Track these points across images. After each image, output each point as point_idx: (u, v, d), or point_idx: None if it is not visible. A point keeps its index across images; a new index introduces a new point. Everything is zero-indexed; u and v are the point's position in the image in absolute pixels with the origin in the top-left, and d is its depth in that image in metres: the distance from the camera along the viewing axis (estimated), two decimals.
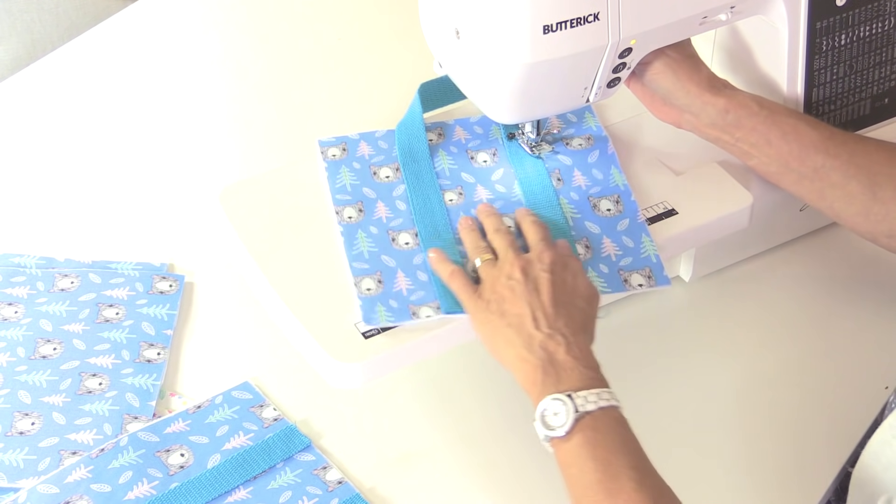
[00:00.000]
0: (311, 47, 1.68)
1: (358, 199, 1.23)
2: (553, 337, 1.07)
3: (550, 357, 1.06)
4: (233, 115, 1.59)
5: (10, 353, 1.26)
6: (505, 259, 1.14)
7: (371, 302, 1.15)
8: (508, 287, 1.11)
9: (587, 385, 1.04)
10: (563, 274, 1.12)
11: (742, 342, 1.29)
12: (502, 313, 1.10)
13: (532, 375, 1.05)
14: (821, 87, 1.30)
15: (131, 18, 1.72)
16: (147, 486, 1.14)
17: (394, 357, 1.14)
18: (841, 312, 1.31)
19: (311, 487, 1.15)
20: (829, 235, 1.37)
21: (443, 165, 1.27)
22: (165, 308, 1.31)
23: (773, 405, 1.23)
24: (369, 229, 1.21)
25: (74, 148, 1.54)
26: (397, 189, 1.25)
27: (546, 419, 1.03)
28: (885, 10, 1.29)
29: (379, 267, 1.18)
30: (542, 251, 1.14)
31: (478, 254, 1.16)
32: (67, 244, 1.40)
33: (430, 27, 1.25)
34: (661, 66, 1.22)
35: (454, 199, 1.24)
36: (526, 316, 1.08)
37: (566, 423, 1.01)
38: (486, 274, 1.14)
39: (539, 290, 1.10)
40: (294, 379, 1.25)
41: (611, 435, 1.01)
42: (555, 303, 1.09)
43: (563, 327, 1.08)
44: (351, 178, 1.25)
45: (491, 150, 1.29)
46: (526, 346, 1.07)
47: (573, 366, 1.05)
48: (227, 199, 1.26)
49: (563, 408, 1.02)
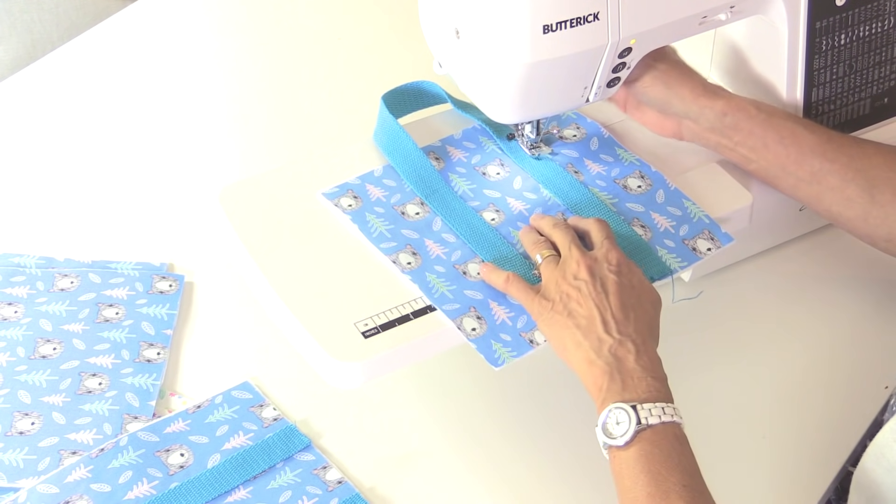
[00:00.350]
0: (311, 47, 1.68)
1: (405, 243, 1.20)
2: (624, 343, 1.06)
3: (619, 363, 1.05)
4: (232, 115, 1.59)
5: (9, 353, 1.26)
6: (570, 256, 1.11)
7: (485, 343, 1.12)
8: (575, 286, 1.09)
9: (653, 397, 1.03)
10: (629, 276, 1.11)
11: (742, 342, 1.29)
12: (569, 313, 1.08)
13: (599, 380, 1.04)
14: (820, 86, 1.30)
15: (131, 18, 1.72)
16: (147, 486, 1.14)
17: (394, 357, 1.14)
18: (841, 312, 1.31)
19: (310, 487, 1.15)
20: (829, 235, 1.37)
21: (462, 189, 1.25)
22: (165, 308, 1.31)
23: (773, 405, 1.23)
24: (435, 269, 1.18)
25: (74, 148, 1.54)
26: (435, 223, 1.22)
27: (608, 426, 1.02)
28: (884, 10, 1.29)
29: (469, 303, 1.15)
30: (608, 250, 1.12)
31: (538, 249, 1.14)
32: (67, 244, 1.40)
33: (430, 27, 1.25)
34: (650, 78, 1.22)
35: (495, 217, 1.22)
36: (595, 318, 1.07)
37: (627, 433, 1.00)
38: (549, 273, 1.12)
39: (607, 292, 1.08)
40: (294, 379, 1.25)
41: (668, 451, 1.00)
42: (623, 306, 1.08)
43: (633, 333, 1.06)
44: (383, 224, 1.22)
45: (497, 162, 1.28)
46: (595, 350, 1.06)
47: (641, 375, 1.04)
48: (226, 199, 1.26)
49: (626, 417, 1.01)
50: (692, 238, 1.21)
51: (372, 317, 1.15)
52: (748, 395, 1.24)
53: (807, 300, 1.32)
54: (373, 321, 1.14)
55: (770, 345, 1.28)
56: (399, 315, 1.15)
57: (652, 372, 1.05)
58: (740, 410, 1.23)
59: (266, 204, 1.26)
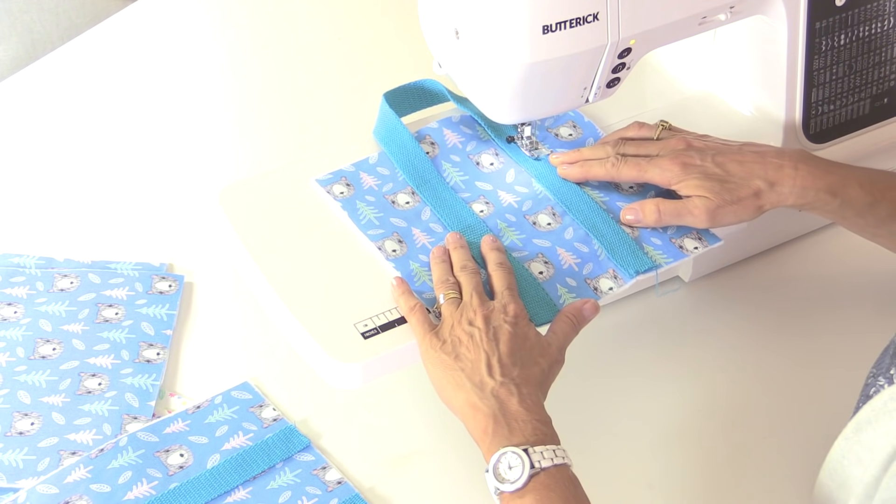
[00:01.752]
0: (311, 47, 1.68)
1: (392, 231, 1.22)
2: (506, 385, 1.05)
3: (502, 406, 1.03)
4: (232, 115, 1.59)
5: (9, 354, 1.26)
6: (469, 303, 1.12)
7: None
8: (468, 333, 1.09)
9: (541, 440, 1.02)
10: (525, 329, 1.10)
11: (742, 342, 1.29)
12: (457, 356, 1.08)
13: (483, 423, 1.03)
14: (820, 87, 1.30)
15: (131, 18, 1.72)
16: (146, 487, 1.14)
17: (394, 357, 1.14)
18: (840, 312, 1.31)
19: (310, 487, 1.15)
20: (829, 236, 1.37)
21: (455, 179, 1.26)
22: (165, 308, 1.31)
23: (773, 405, 1.23)
24: (419, 258, 1.19)
25: (74, 148, 1.54)
26: (424, 213, 1.24)
27: (499, 471, 1.00)
28: (884, 10, 1.29)
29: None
30: (507, 302, 1.12)
31: (443, 289, 1.14)
32: (67, 244, 1.40)
33: (430, 27, 1.25)
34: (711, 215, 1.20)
35: (483, 209, 1.24)
36: (480, 361, 1.06)
37: (521, 478, 0.99)
38: (448, 314, 1.12)
39: (498, 340, 1.08)
40: (294, 379, 1.25)
41: (563, 494, 0.99)
42: (511, 353, 1.07)
43: (518, 378, 1.05)
44: (373, 212, 1.23)
45: (491, 151, 1.29)
46: (477, 393, 1.05)
47: (526, 418, 1.03)
48: (226, 199, 1.26)
49: (518, 461, 1.00)
50: (680, 237, 1.21)
51: (372, 317, 1.15)
52: (748, 394, 1.24)
53: (807, 300, 1.32)
54: (372, 322, 1.14)
55: (770, 344, 1.28)
56: (399, 315, 1.15)
57: (536, 415, 1.04)
58: (740, 410, 1.23)
59: (266, 204, 1.26)
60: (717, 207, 1.18)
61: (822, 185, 1.18)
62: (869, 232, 1.22)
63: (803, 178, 1.18)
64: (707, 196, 1.18)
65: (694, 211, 1.19)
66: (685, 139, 1.22)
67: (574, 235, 1.22)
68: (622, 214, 1.22)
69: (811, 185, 1.18)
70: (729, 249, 1.33)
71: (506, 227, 1.22)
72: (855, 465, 0.98)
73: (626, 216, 1.21)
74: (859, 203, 1.19)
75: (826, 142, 1.33)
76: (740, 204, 1.18)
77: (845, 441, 0.99)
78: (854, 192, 1.19)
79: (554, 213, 1.23)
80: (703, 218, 1.19)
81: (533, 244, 1.21)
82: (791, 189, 1.18)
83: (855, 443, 0.98)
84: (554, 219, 1.23)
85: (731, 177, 1.18)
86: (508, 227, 1.22)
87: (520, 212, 1.24)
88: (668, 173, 1.20)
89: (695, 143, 1.22)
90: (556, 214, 1.23)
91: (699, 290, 1.34)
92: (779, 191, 1.18)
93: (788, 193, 1.18)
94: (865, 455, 0.97)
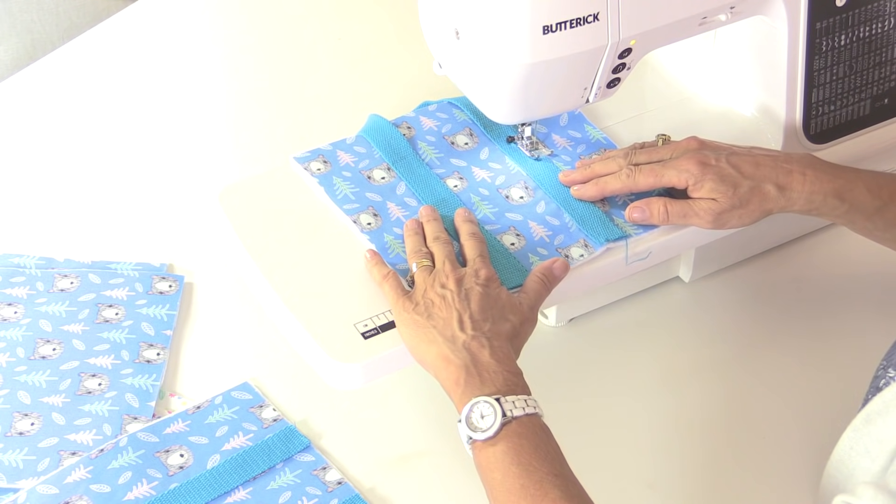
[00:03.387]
0: (311, 47, 1.68)
1: (367, 205, 1.24)
2: (477, 338, 1.07)
3: (474, 358, 1.06)
4: (232, 114, 1.59)
5: (9, 354, 1.26)
6: (441, 269, 1.14)
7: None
8: (440, 295, 1.11)
9: (512, 390, 1.03)
10: (497, 290, 1.12)
11: (742, 342, 1.29)
12: (429, 315, 1.10)
13: (455, 375, 1.05)
14: (821, 87, 1.30)
15: (131, 18, 1.72)
16: (146, 487, 1.14)
17: (394, 357, 1.14)
18: (840, 312, 1.31)
19: (310, 488, 1.15)
20: (829, 236, 1.37)
21: (430, 157, 1.28)
22: (165, 308, 1.31)
23: (773, 405, 1.23)
24: (393, 231, 1.21)
25: (74, 148, 1.54)
26: (399, 187, 1.26)
27: (472, 420, 1.02)
28: (884, 11, 1.29)
29: None
30: (479, 268, 1.14)
31: (416, 258, 1.16)
32: (67, 244, 1.40)
33: (430, 27, 1.25)
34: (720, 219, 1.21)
35: (457, 184, 1.26)
36: (452, 318, 1.08)
37: (493, 427, 1.01)
38: (421, 279, 1.14)
39: (469, 300, 1.10)
40: (294, 379, 1.25)
41: (535, 442, 1.01)
42: (482, 310, 1.09)
43: (489, 332, 1.08)
44: (349, 187, 1.25)
45: (466, 131, 1.30)
46: (449, 346, 1.07)
47: (497, 369, 1.05)
48: (226, 199, 1.26)
49: (490, 410, 1.02)
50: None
51: (372, 317, 1.15)
52: (748, 394, 1.24)
53: (806, 300, 1.32)
54: (372, 322, 1.14)
55: (770, 345, 1.28)
56: None
57: (507, 366, 1.06)
58: (740, 410, 1.23)
59: (266, 204, 1.26)
60: (723, 211, 1.19)
61: (830, 189, 1.18)
62: (877, 236, 1.22)
63: (811, 183, 1.18)
64: (716, 199, 1.18)
65: (700, 213, 1.19)
66: (697, 138, 1.23)
67: (546, 209, 1.24)
68: (628, 212, 1.22)
69: (819, 189, 1.18)
70: (729, 249, 1.33)
71: (479, 200, 1.24)
72: (863, 457, 0.98)
73: (633, 214, 1.21)
74: (867, 207, 1.19)
75: (826, 142, 1.33)
76: (746, 208, 1.18)
77: (854, 433, 0.99)
78: (862, 196, 1.19)
79: (526, 187, 1.26)
80: (709, 221, 1.19)
81: (505, 217, 1.23)
82: (800, 194, 1.18)
83: (864, 434, 0.98)
84: (526, 192, 1.25)
85: (744, 179, 1.18)
86: (482, 202, 1.24)
87: (493, 186, 1.26)
88: (686, 174, 1.19)
89: (707, 141, 1.22)
90: (528, 188, 1.26)
91: (699, 290, 1.34)
92: (788, 196, 1.18)
93: (797, 199, 1.18)
94: (874, 447, 0.97)
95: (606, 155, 1.26)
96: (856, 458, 0.99)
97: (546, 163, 1.28)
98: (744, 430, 1.21)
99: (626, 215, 1.22)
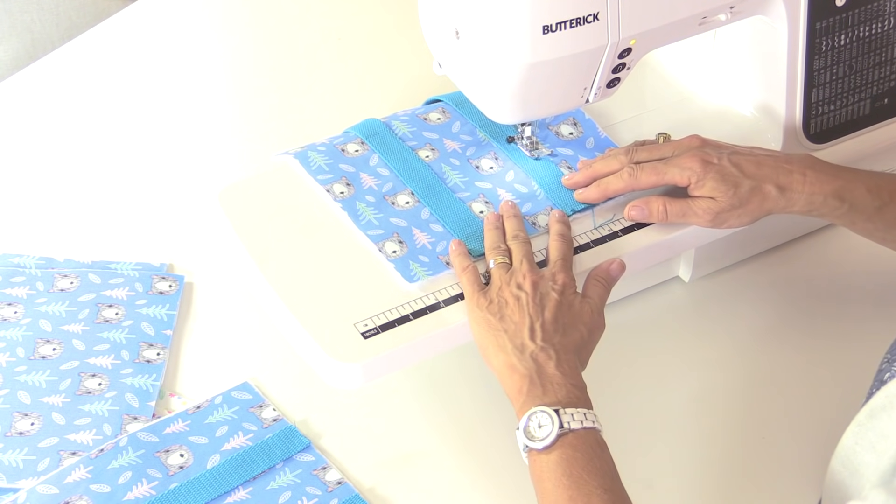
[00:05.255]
0: (311, 47, 1.68)
1: (341, 175, 1.26)
2: (545, 350, 1.07)
3: (539, 368, 1.06)
4: (232, 115, 1.59)
5: (9, 354, 1.26)
6: (519, 268, 1.14)
7: (403, 262, 1.18)
8: (515, 295, 1.11)
9: (573, 402, 1.04)
10: (572, 298, 1.12)
11: (742, 342, 1.29)
12: (502, 316, 1.10)
13: (519, 384, 1.06)
14: (820, 87, 1.30)
15: (131, 18, 1.72)
16: (146, 487, 1.14)
17: (394, 357, 1.14)
18: (840, 312, 1.31)
19: (310, 488, 1.15)
20: (829, 236, 1.37)
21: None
22: (165, 308, 1.31)
23: (773, 404, 1.23)
24: (366, 199, 1.24)
25: (74, 148, 1.54)
26: (372, 159, 1.28)
27: (529, 429, 1.03)
28: (884, 11, 1.29)
29: (393, 229, 1.21)
30: (558, 271, 1.14)
31: (494, 255, 1.16)
32: (67, 244, 1.40)
33: (430, 27, 1.25)
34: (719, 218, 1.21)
35: (429, 155, 1.28)
36: (524, 325, 1.09)
37: (549, 437, 1.02)
38: (498, 276, 1.14)
39: (544, 306, 1.10)
40: (294, 379, 1.25)
41: (590, 455, 1.01)
42: (555, 320, 1.10)
43: (558, 344, 1.08)
44: (323, 159, 1.27)
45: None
46: (517, 354, 1.07)
47: (561, 381, 1.05)
48: (226, 199, 1.26)
49: (548, 421, 1.02)
50: None
51: (372, 317, 1.15)
52: (748, 394, 1.24)
53: (806, 300, 1.32)
54: (372, 322, 1.14)
55: (769, 345, 1.28)
56: (398, 315, 1.15)
57: (572, 379, 1.06)
58: (740, 410, 1.23)
59: (266, 204, 1.26)
60: (722, 211, 1.18)
61: (830, 190, 1.18)
62: (878, 236, 1.22)
63: (811, 184, 1.18)
64: (715, 198, 1.18)
65: (699, 212, 1.19)
66: (699, 136, 1.23)
67: (515, 177, 1.26)
68: (627, 210, 1.22)
69: (819, 190, 1.18)
70: (729, 249, 1.33)
71: (450, 170, 1.27)
72: (868, 452, 0.98)
73: (632, 213, 1.21)
74: (867, 207, 1.19)
75: (826, 142, 1.33)
76: (745, 208, 1.18)
77: (859, 427, 0.99)
78: (862, 197, 1.19)
79: (496, 157, 1.28)
80: (707, 220, 1.19)
81: (475, 186, 1.26)
82: (800, 195, 1.18)
83: (868, 429, 0.98)
84: (496, 163, 1.28)
85: (746, 179, 1.18)
86: (452, 171, 1.27)
87: (464, 157, 1.28)
88: (689, 171, 1.19)
89: (709, 140, 1.22)
90: (498, 159, 1.28)
91: (699, 290, 1.34)
92: (788, 196, 1.18)
93: (797, 199, 1.18)
94: (879, 442, 0.97)
95: (607, 153, 1.26)
96: (860, 453, 0.99)
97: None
98: (744, 430, 1.21)
99: (625, 214, 1.22)
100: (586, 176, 1.24)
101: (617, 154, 1.24)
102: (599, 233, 1.21)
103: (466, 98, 1.33)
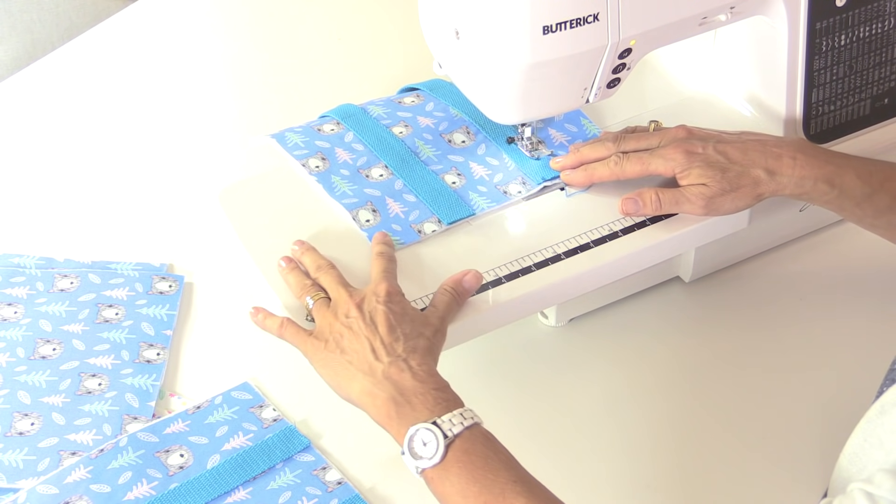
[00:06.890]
0: (311, 47, 1.68)
1: (316, 151, 1.28)
2: (394, 363, 1.05)
3: (397, 386, 1.04)
4: (232, 115, 1.59)
5: (9, 354, 1.26)
6: (338, 298, 1.12)
7: (376, 232, 1.20)
8: (346, 325, 1.09)
9: (445, 407, 1.02)
10: (401, 303, 1.10)
11: (741, 342, 1.29)
12: (342, 350, 1.08)
13: (385, 409, 1.04)
14: (821, 87, 1.30)
15: (131, 18, 1.72)
16: (146, 487, 1.14)
17: None
18: (840, 312, 1.31)
19: (310, 488, 1.15)
20: (829, 236, 1.37)
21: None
22: (165, 308, 1.31)
23: (773, 404, 1.23)
24: (340, 172, 1.26)
25: (74, 148, 1.54)
26: (347, 136, 1.30)
27: (414, 450, 1.01)
28: (884, 11, 1.29)
29: (367, 198, 1.23)
30: (378, 283, 1.12)
31: (307, 293, 1.14)
32: (67, 244, 1.40)
33: (430, 27, 1.25)
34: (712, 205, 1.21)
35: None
36: (365, 348, 1.07)
37: (439, 450, 1.00)
38: (322, 315, 1.12)
39: (376, 323, 1.08)
40: (294, 379, 1.25)
41: (484, 453, 1.00)
42: (391, 330, 1.07)
43: (403, 353, 1.06)
44: (300, 137, 1.29)
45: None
46: (370, 379, 1.05)
47: (423, 390, 1.03)
48: (226, 199, 1.26)
49: (431, 436, 1.00)
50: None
51: None
52: (748, 394, 1.24)
53: (806, 300, 1.32)
54: None
55: (769, 345, 1.28)
56: None
57: (432, 383, 1.04)
58: (740, 410, 1.23)
59: (266, 204, 1.26)
60: (715, 196, 1.19)
61: (820, 174, 1.18)
62: (867, 223, 1.22)
63: (801, 167, 1.18)
64: (706, 184, 1.18)
65: (692, 199, 1.20)
66: (685, 127, 1.23)
67: (486, 151, 1.28)
68: (621, 204, 1.22)
69: (809, 174, 1.18)
70: (729, 249, 1.33)
71: (423, 144, 1.29)
72: (877, 449, 0.98)
73: (626, 206, 1.22)
74: (857, 193, 1.19)
75: (826, 142, 1.33)
76: (738, 192, 1.19)
77: (868, 424, 0.98)
78: (852, 183, 1.19)
79: (469, 131, 1.30)
80: (701, 206, 1.20)
81: (447, 159, 1.28)
82: (790, 178, 1.18)
83: (878, 426, 0.97)
84: (468, 137, 1.30)
85: (732, 164, 1.19)
86: (425, 145, 1.29)
87: (436, 132, 1.30)
88: (672, 162, 1.20)
89: (695, 130, 1.23)
90: (470, 133, 1.30)
91: (699, 290, 1.34)
92: (778, 180, 1.19)
93: (787, 183, 1.19)
94: (888, 438, 0.96)
95: (596, 139, 1.27)
96: (869, 450, 0.99)
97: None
98: (744, 430, 1.21)
99: (619, 208, 1.22)
100: (574, 160, 1.25)
101: (605, 141, 1.25)
102: (599, 233, 1.21)
103: (442, 84, 1.34)
